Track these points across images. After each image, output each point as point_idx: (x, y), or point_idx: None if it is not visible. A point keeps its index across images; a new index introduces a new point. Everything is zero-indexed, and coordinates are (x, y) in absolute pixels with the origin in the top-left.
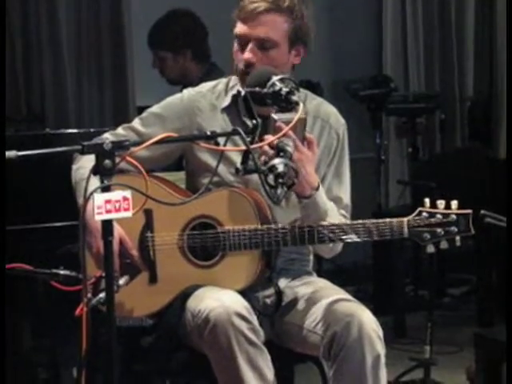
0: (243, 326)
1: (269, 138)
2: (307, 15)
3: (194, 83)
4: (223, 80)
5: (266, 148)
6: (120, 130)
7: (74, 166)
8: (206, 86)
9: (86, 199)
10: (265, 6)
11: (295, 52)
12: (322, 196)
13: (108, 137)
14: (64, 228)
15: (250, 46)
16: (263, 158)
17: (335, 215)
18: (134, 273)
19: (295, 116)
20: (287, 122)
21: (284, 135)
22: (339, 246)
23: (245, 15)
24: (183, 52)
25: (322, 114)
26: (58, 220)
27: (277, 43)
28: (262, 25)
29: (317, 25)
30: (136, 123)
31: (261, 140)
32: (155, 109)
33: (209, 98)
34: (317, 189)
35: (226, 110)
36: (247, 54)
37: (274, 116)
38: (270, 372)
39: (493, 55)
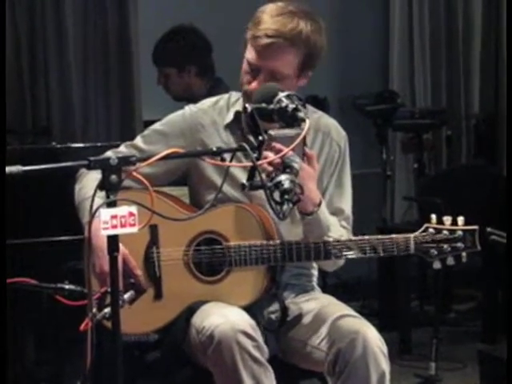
0: (248, 343)
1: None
2: (321, 41)
3: (199, 99)
4: (224, 96)
5: (266, 165)
6: (122, 148)
7: (77, 187)
8: (207, 103)
9: (92, 214)
10: (280, 43)
11: (304, 77)
12: (324, 212)
13: (111, 155)
14: (67, 242)
15: (261, 76)
16: (267, 167)
17: (337, 230)
18: (138, 292)
19: (293, 132)
20: (284, 138)
21: (286, 151)
22: (342, 260)
23: (258, 48)
24: (188, 68)
25: (323, 127)
26: (62, 234)
27: (288, 76)
28: (275, 59)
29: None
30: (138, 141)
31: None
32: (157, 126)
33: (211, 115)
34: (319, 205)
35: (228, 126)
36: (255, 85)
37: (271, 132)
38: None
39: (499, 73)
